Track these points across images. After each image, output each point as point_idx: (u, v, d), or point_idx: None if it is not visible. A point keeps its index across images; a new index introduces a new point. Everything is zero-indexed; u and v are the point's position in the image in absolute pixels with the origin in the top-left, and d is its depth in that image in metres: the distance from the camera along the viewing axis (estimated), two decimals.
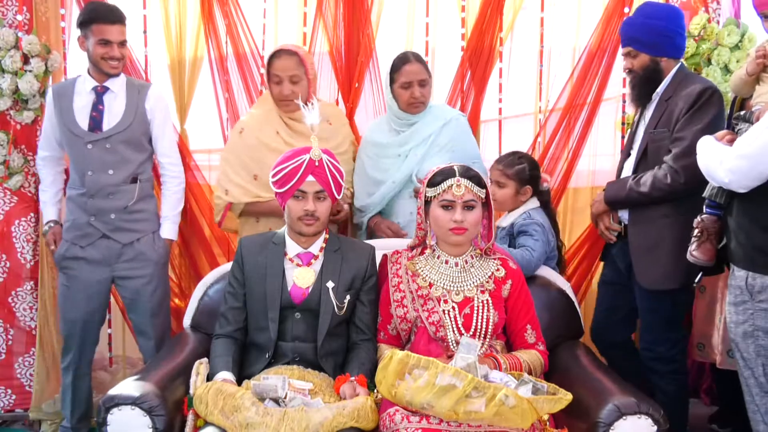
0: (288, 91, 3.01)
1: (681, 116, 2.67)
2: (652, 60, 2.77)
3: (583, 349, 2.58)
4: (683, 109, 2.67)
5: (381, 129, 3.16)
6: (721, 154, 2.27)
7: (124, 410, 2.10)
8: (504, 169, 2.91)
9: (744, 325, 2.31)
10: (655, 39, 2.76)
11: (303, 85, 3.03)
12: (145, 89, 3.09)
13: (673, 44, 2.79)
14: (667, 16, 2.80)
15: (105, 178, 2.97)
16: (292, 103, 2.97)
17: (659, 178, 2.66)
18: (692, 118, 2.65)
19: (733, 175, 2.21)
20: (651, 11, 2.82)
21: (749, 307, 2.29)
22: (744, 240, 2.30)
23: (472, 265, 2.41)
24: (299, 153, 2.40)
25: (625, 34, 2.84)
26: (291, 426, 2.01)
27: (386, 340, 2.46)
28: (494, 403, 1.95)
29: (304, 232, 2.42)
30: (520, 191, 2.90)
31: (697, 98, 2.66)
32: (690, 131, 2.63)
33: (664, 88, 2.79)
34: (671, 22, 2.79)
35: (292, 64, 3.00)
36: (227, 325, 2.46)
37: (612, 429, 2.05)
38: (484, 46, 3.44)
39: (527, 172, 2.90)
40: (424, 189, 2.38)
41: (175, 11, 3.47)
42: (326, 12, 3.44)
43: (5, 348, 3.46)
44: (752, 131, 2.21)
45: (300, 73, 3.02)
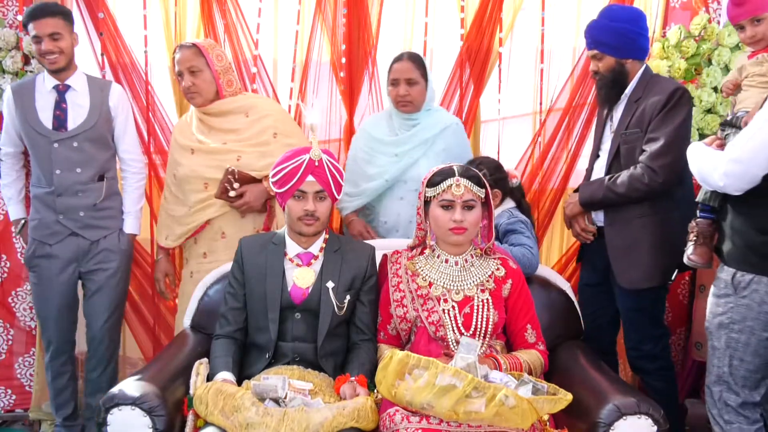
0: (188, 83, 2.93)
1: (654, 116, 2.72)
2: (618, 62, 2.81)
3: (583, 349, 2.58)
4: (656, 109, 2.72)
5: (380, 125, 3.14)
6: (715, 159, 2.30)
7: (124, 410, 2.10)
8: None
9: (721, 317, 2.38)
10: (619, 42, 2.79)
11: (205, 77, 2.93)
12: (108, 87, 3.10)
13: (637, 46, 2.84)
14: (631, 18, 2.84)
15: (73, 176, 2.98)
16: (198, 96, 2.94)
17: (637, 177, 2.69)
18: (665, 117, 2.70)
19: (728, 179, 2.25)
20: (615, 14, 2.85)
21: (731, 301, 2.35)
22: (738, 241, 2.35)
23: (472, 265, 2.41)
24: (299, 153, 2.40)
25: (591, 36, 2.86)
26: (291, 426, 2.01)
27: (386, 340, 2.46)
28: (494, 404, 1.95)
29: (304, 232, 2.42)
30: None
31: (669, 98, 2.70)
32: (664, 131, 2.68)
33: (632, 89, 2.83)
34: (635, 24, 2.83)
35: (189, 54, 2.93)
36: (227, 325, 2.46)
37: (612, 429, 2.05)
38: (483, 47, 3.45)
39: (489, 177, 2.85)
40: (424, 189, 2.38)
41: (176, 11, 3.47)
42: (326, 11, 3.44)
43: (5, 348, 3.46)
44: (743, 135, 2.25)
45: (199, 64, 2.92)
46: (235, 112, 2.99)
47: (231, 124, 2.98)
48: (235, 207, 2.93)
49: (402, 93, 3.00)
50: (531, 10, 3.52)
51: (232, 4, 3.44)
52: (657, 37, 3.45)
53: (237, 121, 2.98)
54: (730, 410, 2.38)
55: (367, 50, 3.46)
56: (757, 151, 2.18)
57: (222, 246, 2.97)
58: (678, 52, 3.36)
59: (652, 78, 2.86)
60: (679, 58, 3.36)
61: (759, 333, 2.31)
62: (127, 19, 3.48)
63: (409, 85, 3.00)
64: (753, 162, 2.20)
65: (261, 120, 3.00)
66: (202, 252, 3.02)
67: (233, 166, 2.90)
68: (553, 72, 3.53)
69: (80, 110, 3.01)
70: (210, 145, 2.96)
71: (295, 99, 3.51)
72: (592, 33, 2.85)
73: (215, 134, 2.98)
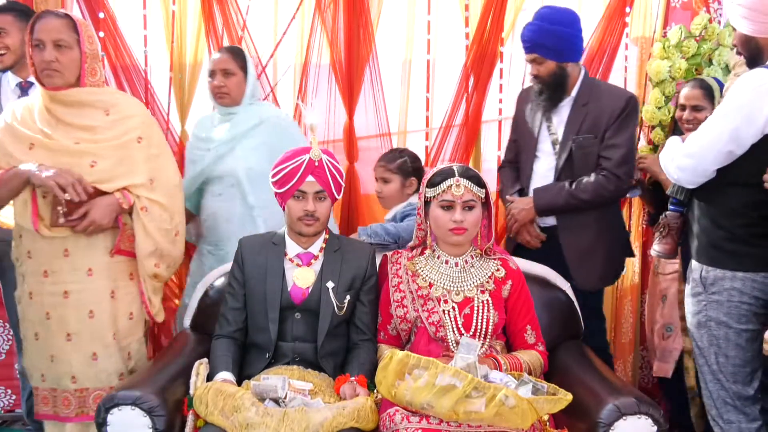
0: (51, 57, 2.43)
1: (610, 123, 2.81)
2: (559, 66, 2.85)
3: (583, 349, 2.57)
4: (612, 116, 2.81)
5: (203, 123, 3.12)
6: (673, 152, 2.39)
7: (124, 410, 2.10)
8: (387, 165, 3.00)
9: (698, 316, 2.41)
10: (560, 45, 2.83)
11: (73, 56, 2.47)
12: None
13: (576, 49, 2.89)
14: (569, 21, 2.87)
15: None
16: (58, 75, 2.46)
17: (602, 184, 2.79)
18: (622, 125, 2.82)
19: (681, 173, 2.34)
20: (553, 17, 2.86)
21: (703, 299, 2.39)
22: (702, 237, 2.40)
23: (472, 265, 2.41)
24: (299, 153, 2.40)
25: (530, 40, 2.86)
26: (291, 426, 2.01)
27: (386, 341, 2.46)
28: (494, 404, 1.95)
29: (304, 232, 2.42)
30: (406, 184, 2.98)
31: (624, 106, 2.83)
32: (623, 138, 2.82)
33: (577, 93, 2.87)
34: (573, 27, 2.86)
35: (58, 25, 2.46)
36: (227, 325, 2.46)
37: (612, 429, 2.05)
38: (488, 46, 3.45)
39: (409, 164, 2.99)
40: (424, 189, 2.38)
41: (175, 11, 3.47)
42: (326, 11, 3.44)
43: (5, 348, 3.46)
44: (699, 130, 2.32)
45: (69, 39, 2.46)
46: (95, 106, 2.52)
47: (87, 120, 2.50)
48: (78, 231, 2.45)
49: (218, 84, 2.96)
50: (531, 11, 3.51)
51: (233, 4, 3.44)
52: (657, 37, 3.46)
53: (95, 118, 2.51)
54: (729, 409, 2.39)
55: (367, 50, 3.45)
56: (708, 147, 2.26)
57: (68, 267, 2.49)
58: (678, 52, 3.36)
59: (595, 82, 2.96)
60: (679, 58, 3.35)
61: (735, 326, 2.33)
62: (127, 19, 3.47)
63: (225, 77, 2.96)
64: (704, 157, 2.27)
65: (124, 121, 2.55)
66: (41, 270, 2.51)
67: (87, 173, 2.44)
68: None
69: None
70: (60, 142, 2.47)
71: (294, 99, 3.51)
72: (532, 37, 2.86)
73: (64, 129, 2.49)
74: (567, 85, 2.88)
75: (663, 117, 3.38)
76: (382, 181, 3.00)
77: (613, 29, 3.44)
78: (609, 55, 3.46)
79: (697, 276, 2.40)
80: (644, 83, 3.51)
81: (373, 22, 3.44)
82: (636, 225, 3.58)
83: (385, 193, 3.00)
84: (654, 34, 3.48)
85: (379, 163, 3.04)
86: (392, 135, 3.54)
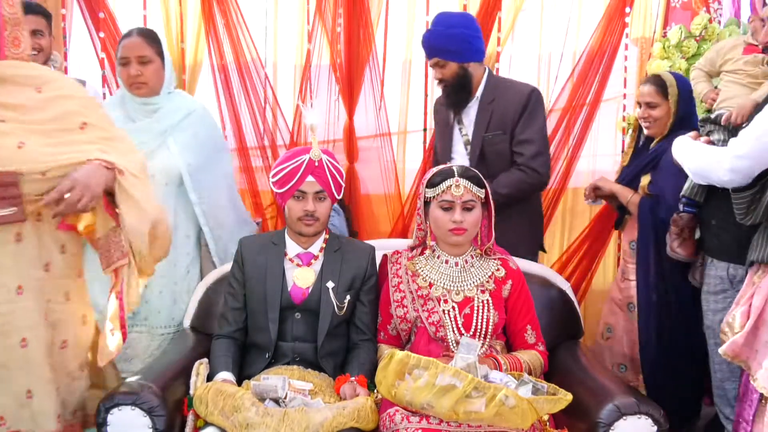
0: None
1: (517, 118, 2.86)
2: (461, 67, 2.88)
3: (583, 349, 2.58)
4: (517, 111, 2.86)
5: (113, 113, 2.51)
6: (718, 155, 2.34)
7: (124, 410, 2.09)
8: None
9: (722, 313, 2.39)
10: (459, 47, 2.86)
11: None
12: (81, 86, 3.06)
13: (475, 49, 2.92)
14: (466, 23, 2.92)
15: None
16: None
17: (521, 179, 2.85)
18: (529, 118, 2.87)
19: (733, 175, 2.28)
20: (450, 20, 2.93)
21: (729, 296, 2.39)
22: (725, 235, 2.40)
23: (473, 265, 2.41)
24: (299, 153, 2.40)
25: (430, 45, 2.91)
26: (291, 426, 2.01)
27: (386, 341, 2.46)
28: (494, 404, 1.95)
29: (304, 232, 2.42)
30: None
31: (528, 100, 2.88)
32: (533, 131, 2.87)
33: (483, 92, 2.91)
34: (469, 28, 2.91)
35: None
36: (227, 325, 2.46)
37: (612, 429, 2.05)
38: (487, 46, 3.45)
39: None
40: (423, 189, 2.38)
41: (176, 11, 3.48)
42: (326, 13, 3.44)
43: None
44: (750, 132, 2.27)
45: None
46: (21, 82, 2.11)
47: (12, 98, 2.08)
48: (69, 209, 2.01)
49: (134, 73, 2.64)
50: (531, 11, 3.52)
51: (233, 5, 3.45)
52: (658, 37, 3.46)
53: (22, 95, 2.10)
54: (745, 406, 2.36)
55: (367, 50, 3.46)
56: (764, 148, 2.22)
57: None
58: (679, 52, 3.36)
59: (499, 80, 3.01)
60: (679, 57, 3.36)
61: None
62: (127, 19, 3.48)
63: (142, 65, 2.65)
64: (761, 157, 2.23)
65: (60, 101, 2.16)
66: None
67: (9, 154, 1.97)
68: (553, 73, 3.53)
69: None
70: None
71: (294, 100, 3.52)
72: (431, 42, 2.90)
73: None
74: (471, 86, 2.91)
75: None
76: None
77: (613, 29, 3.44)
78: (609, 55, 3.46)
79: (723, 273, 2.41)
80: None
81: (373, 22, 3.45)
82: None
83: None
84: (654, 34, 3.48)
85: None
86: (392, 135, 3.54)
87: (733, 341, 2.21)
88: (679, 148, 2.50)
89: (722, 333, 2.28)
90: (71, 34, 3.51)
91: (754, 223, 2.26)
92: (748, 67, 2.56)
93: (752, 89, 2.55)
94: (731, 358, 2.26)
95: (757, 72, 2.53)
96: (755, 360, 2.20)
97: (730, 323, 2.25)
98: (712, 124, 2.54)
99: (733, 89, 2.59)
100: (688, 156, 2.46)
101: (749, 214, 2.25)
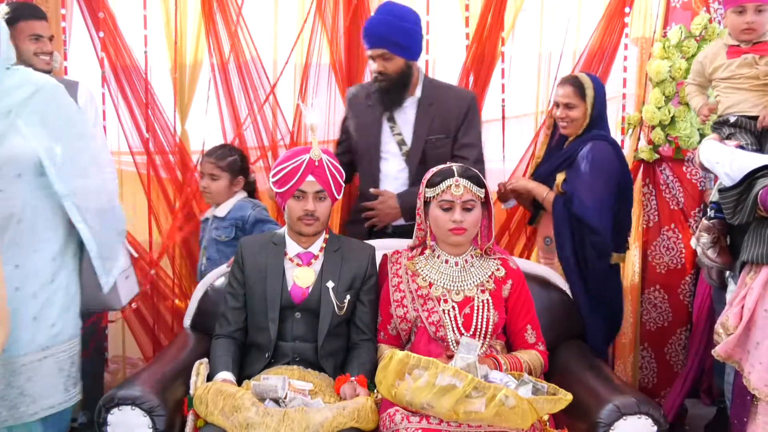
0: None
1: (460, 123, 2.85)
2: (407, 64, 2.82)
3: (583, 349, 2.58)
4: (460, 115, 2.85)
5: None
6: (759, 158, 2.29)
7: (124, 410, 2.09)
8: (216, 162, 3.01)
9: None
10: (410, 43, 2.81)
11: None
12: (75, 87, 3.05)
13: (420, 48, 2.91)
14: (416, 19, 2.86)
15: None
16: None
17: None
18: (471, 124, 2.90)
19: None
20: (402, 14, 2.84)
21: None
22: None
23: (473, 265, 2.41)
24: (299, 153, 2.40)
25: (379, 35, 2.78)
26: (291, 426, 2.01)
27: (386, 340, 2.46)
28: (494, 404, 1.95)
29: (304, 232, 2.42)
30: (234, 182, 3.03)
31: (470, 105, 2.90)
32: (474, 136, 2.92)
33: (422, 93, 2.86)
34: (418, 25, 2.87)
35: None
36: (227, 325, 2.46)
37: (612, 429, 2.05)
38: (488, 46, 3.45)
39: (239, 163, 3.05)
40: (423, 189, 2.38)
41: (176, 11, 3.48)
42: (326, 12, 3.44)
43: None
44: None
45: None
46: None
47: None
48: None
49: None
50: (531, 11, 3.52)
51: (233, 4, 3.44)
52: (658, 37, 3.46)
53: None
54: None
55: None
56: None
57: None
58: (679, 52, 3.36)
59: (435, 82, 2.97)
60: (679, 58, 3.36)
61: None
62: (127, 19, 3.48)
63: None
64: None
65: None
66: None
67: None
68: (553, 72, 3.52)
69: None
70: None
71: (295, 99, 3.51)
72: (382, 32, 2.78)
73: None
74: (408, 84, 2.85)
75: (663, 117, 3.38)
76: (209, 177, 3.01)
77: (613, 29, 3.44)
78: (609, 55, 3.46)
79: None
80: (644, 83, 3.51)
81: None
82: (636, 225, 3.58)
83: (212, 189, 3.02)
84: (654, 34, 3.48)
85: (207, 159, 3.05)
86: None
87: (726, 342, 2.21)
88: (713, 152, 2.43)
89: (716, 334, 2.27)
90: (71, 34, 3.51)
91: (741, 223, 2.25)
92: (744, 69, 2.52)
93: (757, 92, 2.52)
94: (724, 358, 2.26)
95: (755, 72, 2.50)
96: (747, 361, 2.20)
97: (724, 324, 2.25)
98: (732, 128, 2.49)
99: (736, 95, 2.55)
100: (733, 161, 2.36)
101: (736, 214, 2.24)
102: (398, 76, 2.81)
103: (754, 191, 2.20)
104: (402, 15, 2.82)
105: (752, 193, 2.19)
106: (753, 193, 2.20)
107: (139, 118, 3.46)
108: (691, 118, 3.36)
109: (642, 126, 3.50)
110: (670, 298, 3.54)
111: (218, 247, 3.00)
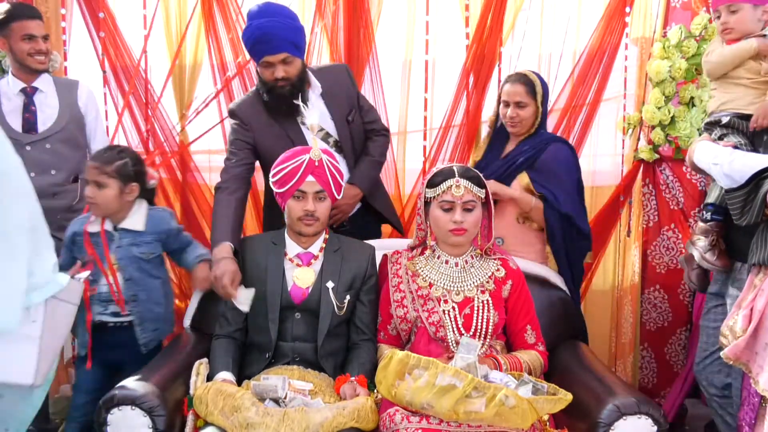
0: None
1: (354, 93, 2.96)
2: (303, 63, 2.77)
3: (583, 349, 2.58)
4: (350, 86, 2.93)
5: None
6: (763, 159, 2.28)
7: (124, 410, 2.09)
8: (102, 167, 2.51)
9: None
10: (302, 42, 2.78)
11: None
12: (75, 86, 3.07)
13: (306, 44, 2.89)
14: (295, 16, 2.79)
15: (49, 178, 2.95)
16: None
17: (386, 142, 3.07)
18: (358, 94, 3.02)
19: None
20: (289, 13, 2.75)
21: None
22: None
23: (473, 265, 2.41)
24: (299, 153, 2.40)
25: (277, 37, 2.63)
26: (291, 426, 2.01)
27: (386, 341, 2.46)
28: (494, 404, 1.95)
29: (304, 232, 2.42)
30: (125, 190, 2.55)
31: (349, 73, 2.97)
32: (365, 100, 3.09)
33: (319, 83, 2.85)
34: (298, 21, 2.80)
35: None
36: (227, 325, 2.46)
37: (612, 429, 2.05)
38: (488, 46, 3.45)
39: (130, 168, 2.56)
40: (424, 190, 2.38)
41: (176, 11, 3.48)
42: (325, 11, 3.44)
43: None
44: None
45: None
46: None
47: None
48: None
49: None
50: (531, 11, 3.52)
51: (233, 5, 3.44)
52: (658, 37, 3.45)
53: None
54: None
55: (367, 50, 3.45)
56: None
57: None
58: (679, 52, 3.36)
59: (315, 69, 2.94)
60: (679, 58, 3.36)
61: None
62: (127, 19, 3.48)
63: None
64: None
65: None
66: None
67: None
68: (553, 73, 3.52)
69: (50, 111, 2.99)
70: None
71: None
72: (279, 34, 2.63)
73: None
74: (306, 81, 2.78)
75: (663, 117, 3.38)
76: (94, 185, 2.51)
77: (613, 29, 3.44)
78: (609, 55, 3.45)
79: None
80: (644, 83, 3.50)
81: (373, 22, 3.45)
82: (636, 225, 3.58)
83: (99, 199, 2.52)
84: (654, 34, 3.48)
85: (92, 164, 2.55)
86: (392, 135, 3.54)
87: (735, 344, 2.19)
88: (709, 153, 2.40)
89: (722, 336, 2.26)
90: (71, 34, 3.51)
91: (749, 224, 2.24)
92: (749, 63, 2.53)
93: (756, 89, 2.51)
94: (732, 361, 2.24)
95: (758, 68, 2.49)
96: (755, 363, 2.19)
97: (731, 327, 2.23)
98: (724, 128, 2.48)
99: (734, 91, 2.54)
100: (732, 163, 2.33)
101: (744, 214, 2.23)
102: (298, 79, 2.71)
103: (761, 191, 2.19)
104: (291, 14, 2.73)
105: (760, 193, 2.18)
106: (761, 193, 2.18)
107: (139, 118, 3.46)
108: (691, 118, 3.36)
109: (642, 126, 3.49)
110: (670, 298, 3.54)
111: (140, 265, 2.57)
